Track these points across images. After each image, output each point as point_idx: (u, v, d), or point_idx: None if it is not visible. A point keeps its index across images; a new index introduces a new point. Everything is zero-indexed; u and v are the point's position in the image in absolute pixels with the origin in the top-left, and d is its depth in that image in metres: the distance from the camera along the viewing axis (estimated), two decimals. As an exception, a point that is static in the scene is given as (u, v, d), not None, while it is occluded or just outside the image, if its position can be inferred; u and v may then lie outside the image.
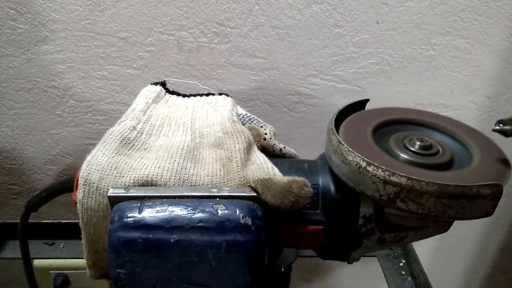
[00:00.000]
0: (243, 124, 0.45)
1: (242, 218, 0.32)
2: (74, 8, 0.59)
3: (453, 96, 0.68)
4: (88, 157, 0.36)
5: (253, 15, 0.60)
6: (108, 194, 0.34)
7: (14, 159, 0.73)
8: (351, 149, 0.34)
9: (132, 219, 0.32)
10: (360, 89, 0.67)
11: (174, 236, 0.31)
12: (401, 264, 0.73)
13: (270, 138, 0.43)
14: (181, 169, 0.37)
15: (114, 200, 0.33)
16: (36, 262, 0.67)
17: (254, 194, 0.35)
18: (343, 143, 0.35)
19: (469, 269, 0.92)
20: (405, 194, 0.32)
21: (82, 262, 0.38)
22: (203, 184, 0.36)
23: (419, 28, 0.62)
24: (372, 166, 0.32)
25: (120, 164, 0.36)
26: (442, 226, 0.37)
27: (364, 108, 0.45)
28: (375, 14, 0.60)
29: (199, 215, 0.32)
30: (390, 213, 0.37)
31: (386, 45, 0.63)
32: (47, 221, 0.72)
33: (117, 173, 0.35)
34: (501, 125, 0.35)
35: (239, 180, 0.36)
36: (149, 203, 0.33)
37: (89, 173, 0.35)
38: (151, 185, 0.35)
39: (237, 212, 0.32)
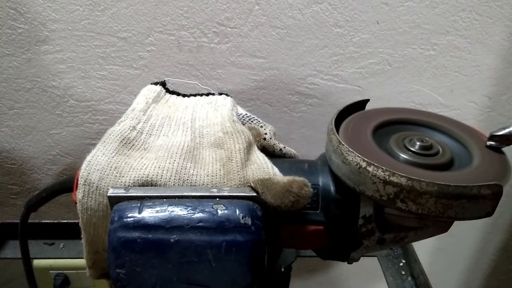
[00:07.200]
0: (243, 124, 0.45)
1: (242, 218, 0.32)
2: (74, 8, 0.59)
3: (453, 96, 0.68)
4: (88, 157, 0.36)
5: (253, 15, 0.60)
6: (108, 194, 0.34)
7: (14, 159, 0.73)
8: (351, 149, 0.34)
9: (132, 219, 0.32)
10: (360, 89, 0.67)
11: (174, 236, 0.31)
12: (401, 264, 0.73)
13: (270, 138, 0.43)
14: (181, 169, 0.37)
15: (114, 200, 0.33)
16: (36, 262, 0.67)
17: (254, 194, 0.35)
18: (343, 143, 0.35)
19: (469, 269, 0.92)
20: (405, 195, 0.32)
21: (82, 262, 0.38)
22: (203, 184, 0.36)
23: (419, 28, 0.61)
24: (372, 166, 0.32)
25: (120, 164, 0.36)
26: (442, 226, 0.37)
27: (364, 108, 0.45)
28: (375, 14, 0.60)
29: (199, 215, 0.32)
30: (390, 213, 0.37)
31: (386, 45, 0.63)
32: (47, 221, 0.72)
33: (117, 173, 0.35)
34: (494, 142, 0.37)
35: (239, 180, 0.36)
36: (149, 203, 0.33)
37: (89, 173, 0.35)
38: (151, 185, 0.35)
39: (237, 212, 0.32)
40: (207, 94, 0.50)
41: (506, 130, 0.36)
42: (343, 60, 0.64)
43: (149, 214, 0.32)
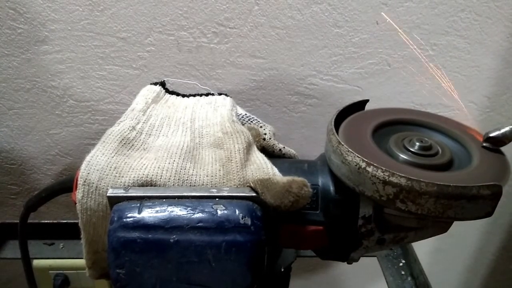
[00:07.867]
0: (243, 124, 0.45)
1: (242, 218, 0.32)
2: (74, 8, 0.59)
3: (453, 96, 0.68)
4: (88, 157, 0.36)
5: (252, 15, 0.60)
6: (108, 194, 0.34)
7: (14, 159, 0.73)
8: (350, 150, 0.34)
9: (131, 219, 0.32)
10: (359, 89, 0.67)
11: (174, 236, 0.31)
12: (401, 264, 0.73)
13: (270, 138, 0.43)
14: (181, 169, 0.37)
15: (114, 200, 0.33)
16: (36, 262, 0.67)
17: (254, 194, 0.35)
18: (342, 143, 0.35)
19: (469, 269, 0.92)
20: (405, 195, 0.32)
21: (81, 262, 0.38)
22: (202, 184, 0.36)
23: (419, 28, 0.62)
24: (371, 167, 0.32)
25: (119, 164, 0.36)
26: (442, 226, 0.37)
27: (363, 108, 0.45)
28: (375, 14, 0.60)
29: (198, 215, 0.32)
30: (389, 213, 0.37)
31: (386, 45, 0.63)
32: (46, 221, 0.72)
33: (116, 173, 0.35)
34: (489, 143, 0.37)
35: (239, 180, 0.36)
36: (149, 203, 0.33)
37: (88, 173, 0.35)
38: (151, 185, 0.35)
39: (237, 212, 0.32)
40: (207, 94, 0.50)
41: (499, 132, 0.36)
42: (343, 61, 0.64)
43: (149, 214, 0.32)
